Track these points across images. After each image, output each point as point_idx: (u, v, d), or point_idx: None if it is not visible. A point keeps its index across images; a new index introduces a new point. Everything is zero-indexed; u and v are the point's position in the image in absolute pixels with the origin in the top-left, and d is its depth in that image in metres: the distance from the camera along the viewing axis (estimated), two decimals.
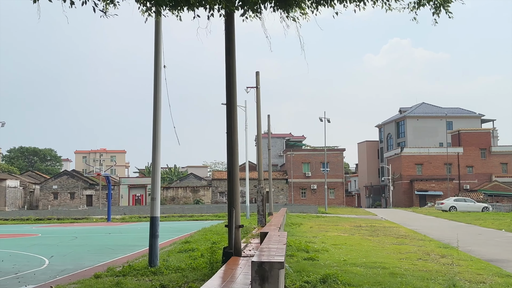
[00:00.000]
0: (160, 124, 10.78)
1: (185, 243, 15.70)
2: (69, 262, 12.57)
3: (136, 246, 16.68)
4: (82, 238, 20.73)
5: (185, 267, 10.16)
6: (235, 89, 9.96)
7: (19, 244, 18.44)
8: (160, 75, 10.72)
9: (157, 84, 10.74)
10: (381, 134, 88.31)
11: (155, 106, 10.76)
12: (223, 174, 75.19)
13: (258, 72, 23.01)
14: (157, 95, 10.73)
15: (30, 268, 11.41)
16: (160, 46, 10.71)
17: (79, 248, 16.22)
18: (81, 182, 70.83)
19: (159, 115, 10.76)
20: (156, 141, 10.71)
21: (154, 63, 10.74)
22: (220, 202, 68.72)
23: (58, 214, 42.12)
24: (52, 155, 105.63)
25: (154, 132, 10.76)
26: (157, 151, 10.72)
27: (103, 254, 14.56)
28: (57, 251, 15.37)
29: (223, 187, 71.19)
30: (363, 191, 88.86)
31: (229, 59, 9.91)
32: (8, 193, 64.54)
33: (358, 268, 10.80)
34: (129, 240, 19.36)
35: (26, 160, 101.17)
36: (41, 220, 37.44)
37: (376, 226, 25.11)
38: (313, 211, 43.91)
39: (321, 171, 71.08)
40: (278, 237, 8.42)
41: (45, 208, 66.36)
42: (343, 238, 18.55)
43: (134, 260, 12.50)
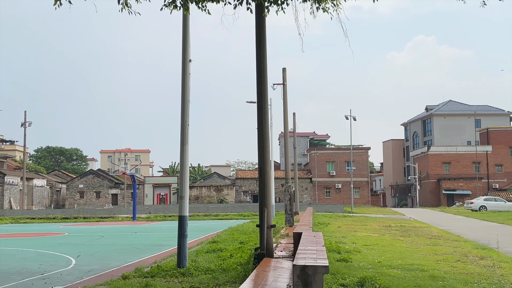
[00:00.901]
0: (188, 121, 10.45)
1: (213, 243, 15.38)
2: (96, 262, 12.35)
3: (163, 246, 16.43)
4: (109, 237, 20.60)
5: (214, 268, 9.80)
6: (266, 84, 9.57)
7: (45, 243, 18.38)
8: (187, 71, 10.38)
9: (185, 80, 10.40)
10: (406, 133, 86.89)
11: (183, 102, 10.43)
12: (247, 173, 75.01)
13: (285, 69, 22.56)
14: (185, 92, 10.39)
15: (57, 268, 11.21)
16: (188, 40, 10.37)
17: (106, 248, 16.03)
18: (107, 181, 71.44)
19: (187, 111, 10.42)
20: (184, 138, 10.39)
21: (182, 58, 10.41)
22: (244, 201, 68.56)
23: (84, 213, 42.37)
24: (78, 155, 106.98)
25: (182, 129, 10.44)
26: (185, 149, 10.39)
27: (130, 253, 14.33)
28: (84, 250, 15.20)
29: (246, 186, 71.04)
30: (389, 190, 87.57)
31: (259, 53, 9.52)
32: (35, 192, 65.43)
33: (395, 270, 10.29)
34: (156, 240, 19.14)
35: (53, 159, 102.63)
36: (67, 219, 37.67)
37: (406, 226, 24.43)
38: (339, 211, 43.24)
39: (346, 170, 70.29)
40: (313, 238, 7.99)
41: (71, 207, 67.10)
42: (373, 238, 17.99)
43: (161, 260, 12.22)
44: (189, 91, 10.41)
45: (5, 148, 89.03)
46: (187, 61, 10.36)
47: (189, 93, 10.41)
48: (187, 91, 10.38)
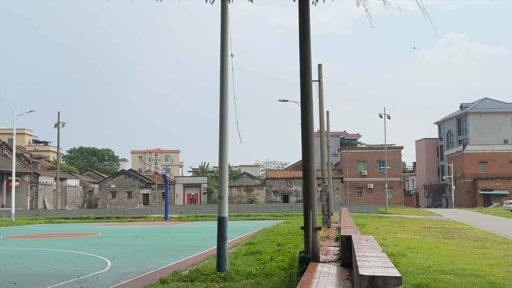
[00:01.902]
0: (227, 118, 9.97)
1: (249, 245, 14.91)
2: (132, 264, 12.01)
3: (198, 247, 16.04)
4: (143, 238, 20.36)
5: (256, 273, 9.29)
6: (310, 77, 9.02)
7: (80, 244, 18.23)
8: (227, 66, 9.91)
9: (223, 76, 9.93)
10: (440, 131, 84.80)
11: (221, 99, 9.96)
12: (277, 173, 74.42)
13: (321, 65, 21.93)
14: (224, 89, 9.92)
15: (92, 271, 10.90)
16: (227, 33, 9.91)
17: (141, 249, 15.73)
18: (138, 181, 71.93)
19: (226, 109, 9.95)
20: (223, 137, 9.92)
21: (221, 52, 9.94)
22: (274, 201, 68.06)
23: (116, 213, 42.55)
24: (109, 155, 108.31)
25: (220, 127, 9.97)
26: (224, 147, 9.93)
27: (166, 255, 13.97)
28: (119, 251, 14.93)
29: (277, 186, 70.49)
30: (422, 190, 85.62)
31: (303, 44, 8.98)
32: (68, 192, 66.33)
33: (448, 276, 9.59)
34: (190, 240, 18.80)
35: (85, 160, 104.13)
36: (100, 219, 37.83)
37: (447, 228, 23.50)
38: (373, 211, 42.24)
39: (378, 169, 69.05)
40: (367, 242, 7.40)
41: (103, 206, 67.78)
42: (416, 240, 17.21)
43: (199, 262, 11.80)
44: (227, 88, 9.94)
45: (39, 149, 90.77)
46: (226, 55, 9.88)
47: (227, 89, 9.94)
48: (225, 87, 9.91)
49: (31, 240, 20.24)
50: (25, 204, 57.28)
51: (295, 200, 69.75)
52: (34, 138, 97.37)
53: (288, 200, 70.02)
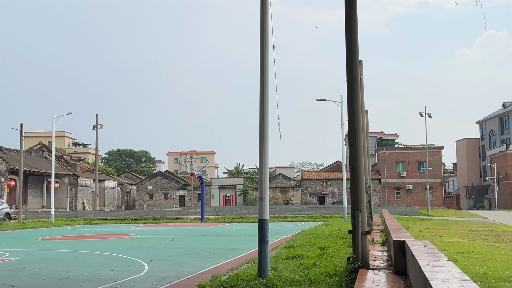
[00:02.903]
0: (267, 115, 9.43)
1: (289, 248, 14.33)
2: (169, 268, 11.62)
3: (236, 250, 15.56)
4: (180, 240, 20.05)
5: (300, 280, 8.71)
6: (357, 71, 8.43)
7: (118, 245, 18.04)
8: (267, 58, 9.37)
9: (263, 69, 9.39)
10: (482, 131, 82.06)
11: (261, 95, 9.43)
12: (313, 174, 73.56)
13: (361, 61, 21.03)
14: (264, 84, 9.39)
15: (129, 275, 10.55)
16: (267, 22, 9.37)
17: (178, 251, 15.37)
18: (174, 183, 72.34)
19: (266, 105, 9.40)
20: (264, 135, 9.39)
21: (261, 44, 9.41)
22: (310, 203, 67.25)
23: (153, 214, 42.67)
24: (146, 157, 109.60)
25: (261, 125, 9.44)
26: (265, 146, 9.40)
27: (204, 258, 13.54)
28: (156, 254, 14.59)
29: (313, 188, 69.65)
30: (463, 191, 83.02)
31: (349, 27, 8.39)
32: (107, 193, 67.24)
33: (508, 284, 8.78)
34: (227, 243, 18.35)
35: (123, 161, 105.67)
36: (137, 220, 37.94)
37: (495, 231, 22.31)
38: (415, 213, 40.93)
39: (417, 170, 67.32)
40: (425, 248, 6.73)
41: (140, 207, 68.41)
42: (465, 244, 16.25)
43: (238, 267, 11.30)
44: (267, 82, 9.40)
45: (79, 151, 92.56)
46: (266, 47, 9.35)
47: (268, 84, 9.41)
48: (266, 82, 9.38)
49: (68, 242, 20.23)
50: (65, 205, 58.31)
51: (332, 202, 68.74)
52: (73, 141, 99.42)
53: (324, 201, 69.06)
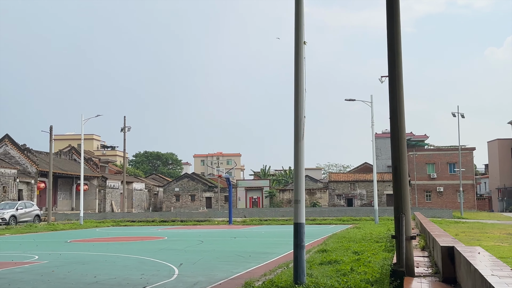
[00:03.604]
0: (303, 114, 8.96)
1: (323, 252, 13.80)
2: (200, 272, 11.24)
3: (267, 254, 15.11)
4: (209, 243, 19.71)
5: (339, 287, 8.22)
6: (400, 59, 7.88)
7: (147, 248, 17.80)
8: (301, 55, 8.92)
9: (298, 66, 8.95)
10: None
11: (296, 90, 8.97)
12: (340, 176, 72.65)
13: None
14: (299, 80, 8.94)
15: (159, 279, 10.22)
16: (301, 16, 8.93)
17: (208, 255, 15.00)
18: (201, 185, 72.40)
19: (301, 101, 8.94)
20: (299, 133, 8.92)
21: (295, 38, 8.97)
22: (338, 205, 66.44)
23: (181, 216, 42.57)
24: (173, 159, 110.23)
25: (296, 122, 8.98)
26: (300, 145, 8.93)
27: (234, 262, 13.13)
28: (186, 257, 14.26)
29: (340, 190, 68.80)
30: (495, 193, 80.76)
31: (391, 21, 7.86)
32: (134, 195, 67.66)
33: None
34: (257, 246, 17.92)
35: (150, 164, 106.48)
36: (165, 222, 37.85)
37: None
38: (447, 216, 39.78)
39: (448, 172, 65.82)
40: (479, 254, 6.17)
41: (168, 209, 68.62)
42: (506, 249, 15.47)
43: (271, 272, 10.85)
44: (303, 77, 8.95)
45: (107, 154, 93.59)
46: (301, 43, 8.91)
47: (303, 79, 8.95)
48: (301, 77, 8.92)
49: (97, 244, 20.10)
50: (94, 207, 58.84)
51: (360, 204, 67.76)
52: (102, 143, 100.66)
53: (352, 203, 68.11)
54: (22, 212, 34.45)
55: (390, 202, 67.87)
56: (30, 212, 35.50)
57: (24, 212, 34.70)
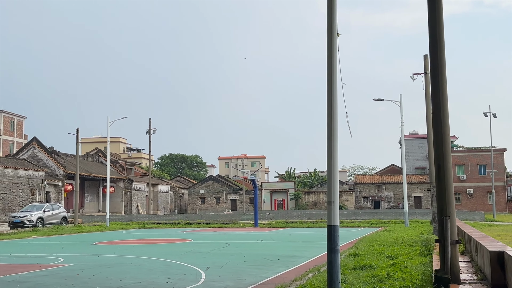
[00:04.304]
0: (336, 112, 8.44)
1: (355, 256, 13.24)
2: (227, 277, 10.82)
3: (296, 257, 14.61)
4: (235, 245, 19.30)
5: None
6: (443, 52, 7.34)
7: (172, 251, 17.48)
8: (334, 47, 8.43)
9: (331, 59, 8.45)
10: None
11: (329, 87, 8.47)
12: (366, 178, 71.62)
13: (427, 55, 19.70)
14: (332, 75, 8.44)
15: (186, 284, 9.83)
16: (335, 6, 8.45)
17: (235, 258, 14.58)
18: (226, 187, 72.23)
19: (334, 102, 8.42)
20: (333, 133, 8.42)
21: (327, 30, 8.49)
22: (364, 207, 65.49)
23: (206, 218, 42.33)
24: (198, 161, 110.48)
25: (329, 122, 8.47)
26: (334, 144, 8.43)
27: (263, 266, 12.67)
28: (212, 261, 13.86)
29: (367, 192, 67.86)
30: None
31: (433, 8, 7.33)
32: (160, 197, 67.85)
33: None
34: (285, 249, 17.42)
35: (175, 166, 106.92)
36: (191, 224, 37.64)
37: None
38: (479, 218, 38.59)
39: (478, 174, 64.18)
40: None
41: (193, 212, 68.62)
42: None
43: (302, 277, 10.37)
44: (336, 71, 8.46)
45: (133, 156, 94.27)
46: (334, 35, 8.42)
47: (336, 73, 8.46)
48: (334, 71, 8.43)
49: (123, 246, 19.89)
50: (120, 209, 59.16)
51: (387, 206, 66.64)
52: (128, 146, 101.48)
53: (379, 206, 67.02)
54: (49, 214, 34.64)
55: (418, 204, 66.50)
56: (57, 214, 35.68)
57: (51, 214, 34.89)
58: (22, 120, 76.24)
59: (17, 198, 43.64)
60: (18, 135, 74.58)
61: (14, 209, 41.37)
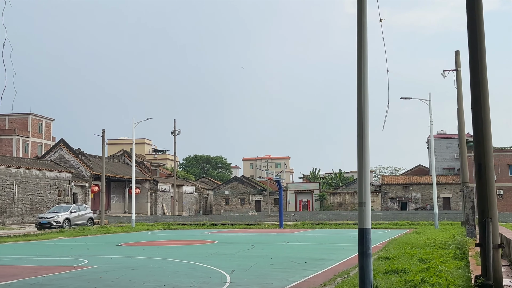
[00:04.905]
0: (367, 108, 8.00)
1: (385, 259, 12.75)
2: (253, 281, 10.48)
3: (323, 260, 14.18)
4: (260, 247, 18.96)
5: None
6: (483, 43, 6.85)
7: (197, 252, 17.25)
8: (365, 36, 7.98)
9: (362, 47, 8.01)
10: None
11: (359, 86, 8.03)
12: (393, 179, 70.51)
13: (458, 52, 19.05)
14: (363, 66, 8.01)
15: (211, 287, 9.52)
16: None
17: (260, 261, 14.22)
18: (250, 188, 72.01)
19: (365, 97, 7.98)
20: (364, 129, 7.98)
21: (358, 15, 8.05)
22: (391, 209, 64.42)
23: (231, 219, 42.11)
24: (222, 162, 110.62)
25: (359, 118, 8.04)
26: (365, 142, 8.00)
27: (290, 269, 12.29)
28: (238, 263, 13.55)
29: (393, 193, 66.80)
30: None
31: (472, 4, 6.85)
32: (185, 198, 68.02)
33: None
34: (312, 252, 16.98)
35: (200, 167, 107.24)
36: (215, 225, 37.46)
37: None
38: (511, 220, 37.43)
39: (508, 174, 62.53)
40: None
41: (217, 213, 68.57)
42: None
43: (331, 281, 9.96)
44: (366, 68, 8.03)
45: (158, 157, 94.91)
46: (364, 24, 7.97)
47: (366, 66, 8.03)
48: (364, 63, 8.00)
49: (148, 248, 19.75)
50: (145, 210, 59.46)
51: (414, 208, 65.43)
52: (153, 147, 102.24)
53: (406, 207, 65.87)
54: (76, 215, 34.88)
55: (446, 206, 65.08)
56: (83, 215, 35.91)
57: (78, 215, 35.12)
58: (50, 122, 77.46)
59: (44, 199, 44.19)
60: (46, 137, 75.80)
61: (42, 210, 41.86)
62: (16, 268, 13.27)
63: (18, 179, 41.33)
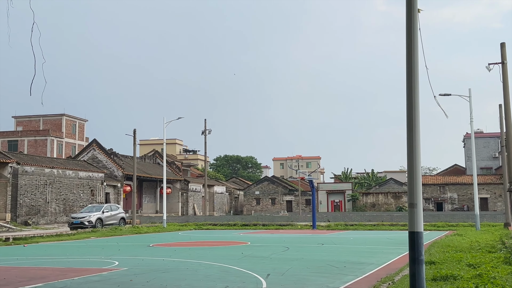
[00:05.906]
0: (418, 101, 7.33)
1: (431, 264, 11.92)
2: (290, 286, 9.86)
3: (363, 264, 13.43)
4: (295, 249, 18.29)
5: None
6: None
7: (230, 254, 16.71)
8: (415, 25, 7.29)
9: (411, 37, 7.32)
10: None
11: (409, 73, 7.35)
12: (428, 179, 68.76)
13: (504, 44, 17.96)
14: (413, 60, 7.32)
15: None
16: None
17: (296, 264, 13.57)
18: (281, 188, 71.39)
19: (416, 91, 7.30)
20: (414, 123, 7.29)
21: (406, 6, 7.37)
22: (426, 209, 62.83)
23: (262, 219, 41.52)
24: (253, 163, 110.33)
25: (409, 112, 7.36)
26: (416, 138, 7.30)
27: (328, 274, 11.61)
28: (272, 267, 12.93)
29: (428, 193, 65.09)
30: None
31: None
32: (215, 198, 67.86)
33: None
34: (349, 255, 16.22)
35: (230, 167, 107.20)
36: (247, 226, 36.93)
37: None
38: None
39: None
40: None
41: (248, 213, 68.16)
42: None
43: (374, 287, 9.26)
44: (417, 57, 7.33)
45: (189, 158, 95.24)
46: (414, 11, 7.29)
47: (417, 59, 7.33)
48: (415, 56, 7.30)
49: (179, 249, 19.32)
50: (177, 210, 59.48)
51: (451, 208, 63.56)
52: (184, 148, 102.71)
53: (442, 208, 64.07)
54: (108, 215, 34.91)
55: (484, 206, 62.96)
56: (115, 215, 35.93)
57: (110, 215, 35.15)
58: (83, 123, 78.55)
59: (77, 199, 44.55)
60: (79, 137, 76.89)
61: (75, 210, 42.18)
62: (46, 270, 12.98)
63: (52, 179, 41.74)
